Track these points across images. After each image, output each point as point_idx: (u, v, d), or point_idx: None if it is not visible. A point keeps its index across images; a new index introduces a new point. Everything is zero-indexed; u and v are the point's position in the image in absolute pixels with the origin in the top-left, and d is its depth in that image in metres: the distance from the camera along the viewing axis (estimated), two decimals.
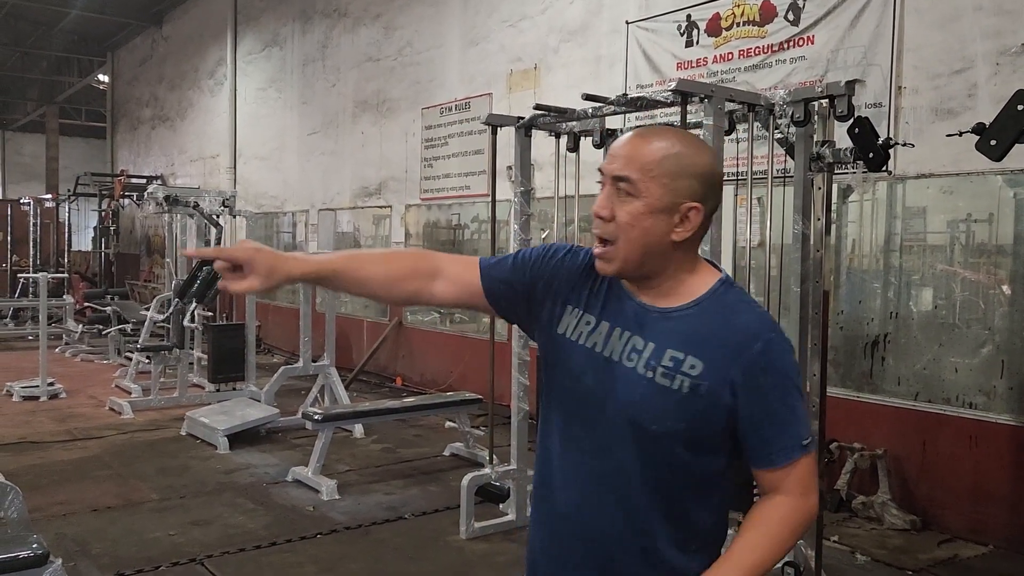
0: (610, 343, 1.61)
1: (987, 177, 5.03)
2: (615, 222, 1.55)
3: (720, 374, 1.53)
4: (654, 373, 1.55)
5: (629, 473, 1.59)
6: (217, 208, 9.17)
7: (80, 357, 11.47)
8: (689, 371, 1.53)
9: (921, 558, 4.71)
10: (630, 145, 1.56)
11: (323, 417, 5.96)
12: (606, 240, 1.57)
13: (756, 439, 1.56)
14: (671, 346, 1.56)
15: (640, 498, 1.59)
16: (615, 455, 1.59)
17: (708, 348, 1.54)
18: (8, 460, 6.04)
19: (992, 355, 5.01)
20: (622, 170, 1.54)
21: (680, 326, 1.57)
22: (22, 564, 3.00)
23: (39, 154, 24.89)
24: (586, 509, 1.63)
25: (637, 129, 1.64)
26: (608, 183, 1.57)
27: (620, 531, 1.61)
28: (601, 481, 1.61)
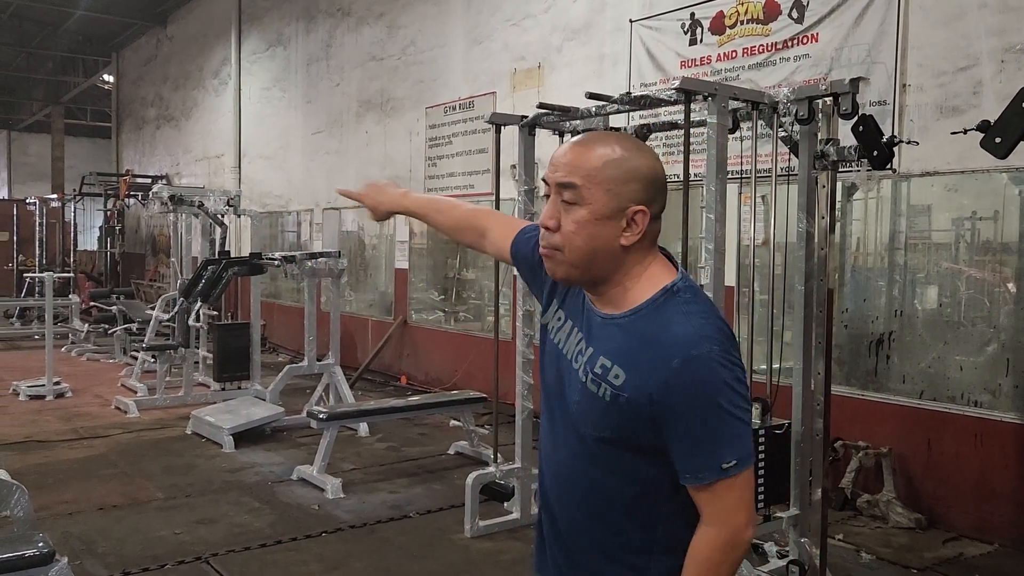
0: (568, 341, 1.66)
1: (992, 175, 5.02)
2: (560, 232, 1.55)
3: (640, 386, 1.50)
4: (586, 378, 1.58)
5: (580, 469, 1.64)
6: (222, 207, 9.20)
7: (86, 356, 11.51)
8: (613, 380, 1.53)
9: (926, 556, 4.70)
10: (572, 153, 1.56)
11: (328, 416, 5.97)
12: (549, 246, 1.58)
13: (674, 455, 1.52)
14: (603, 353, 1.56)
15: (596, 495, 1.63)
16: (569, 450, 1.66)
17: (633, 359, 1.52)
18: (14, 459, 6.06)
19: (997, 353, 5.00)
20: (566, 177, 1.54)
21: (615, 334, 1.57)
22: (28, 563, 3.01)
23: (44, 154, 24.96)
24: (556, 496, 1.71)
25: (577, 137, 1.65)
26: (553, 192, 1.57)
27: (581, 524, 1.66)
28: (562, 473, 1.68)
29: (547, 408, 1.73)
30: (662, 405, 1.49)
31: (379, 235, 10.88)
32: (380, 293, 10.86)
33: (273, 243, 12.90)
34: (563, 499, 1.68)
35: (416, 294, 10.04)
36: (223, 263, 7.81)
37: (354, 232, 11.35)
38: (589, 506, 1.64)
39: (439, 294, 9.86)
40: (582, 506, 1.65)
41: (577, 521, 1.66)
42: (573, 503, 1.66)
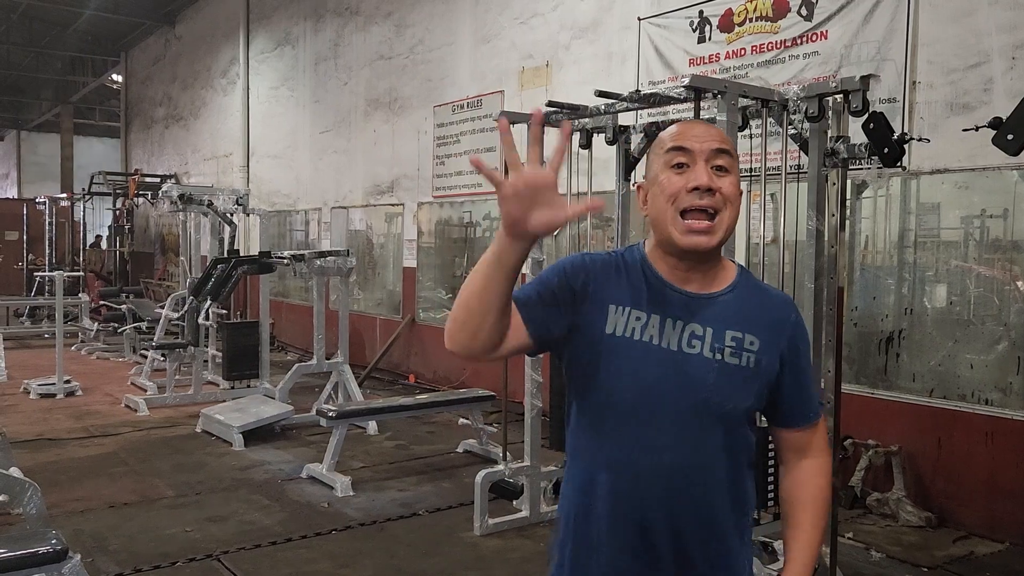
0: (665, 334, 1.63)
1: (1003, 172, 5.00)
2: (721, 194, 1.60)
3: (773, 347, 1.66)
4: (722, 355, 1.62)
5: (709, 461, 1.64)
6: (231, 206, 9.22)
7: (96, 355, 11.56)
8: (750, 347, 1.64)
9: (936, 555, 4.69)
10: (714, 130, 1.66)
11: (337, 414, 5.99)
12: (710, 213, 1.59)
13: (796, 400, 1.71)
14: (728, 327, 1.64)
15: (718, 487, 1.65)
16: (692, 445, 1.62)
17: (758, 325, 1.66)
18: (26, 457, 6.09)
19: (1008, 351, 4.98)
20: (722, 144, 1.62)
21: (729, 308, 1.65)
22: (42, 560, 3.03)
23: (54, 154, 25.07)
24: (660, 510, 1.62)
25: (691, 120, 1.78)
26: (701, 159, 1.60)
27: (695, 527, 1.64)
28: (677, 476, 1.62)
29: (642, 417, 1.62)
30: (789, 358, 1.68)
31: (387, 234, 10.90)
32: (388, 292, 10.88)
33: (281, 242, 12.93)
34: (682, 499, 1.62)
35: (424, 292, 10.06)
36: (232, 262, 7.84)
37: (362, 231, 11.37)
38: (717, 491, 1.65)
39: (447, 293, 9.87)
40: (709, 493, 1.64)
41: (703, 508, 1.64)
42: (696, 497, 1.63)
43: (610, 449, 1.65)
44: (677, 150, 1.61)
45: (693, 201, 1.58)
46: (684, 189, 1.58)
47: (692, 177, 1.59)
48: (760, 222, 4.13)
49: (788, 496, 1.77)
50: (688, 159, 1.60)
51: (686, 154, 1.60)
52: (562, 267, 1.69)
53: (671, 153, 1.62)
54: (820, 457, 1.76)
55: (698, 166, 1.59)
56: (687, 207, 1.59)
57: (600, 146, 5.05)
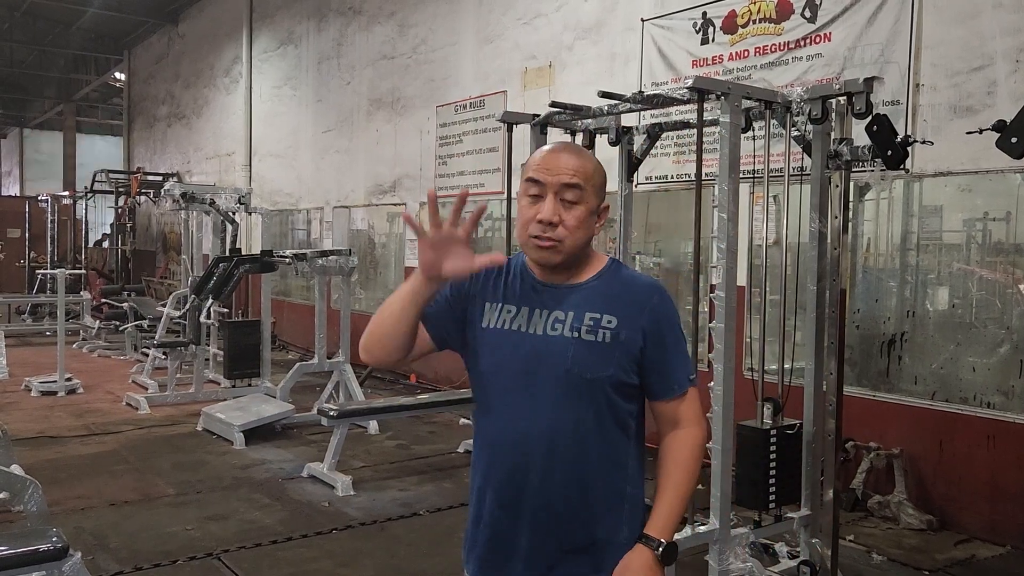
0: (532, 322, 1.88)
1: (1006, 175, 5.00)
2: (563, 225, 1.81)
3: (632, 323, 1.85)
4: (579, 333, 1.84)
5: (577, 427, 1.84)
6: (233, 205, 9.22)
7: (97, 353, 11.56)
8: (608, 325, 1.84)
9: (938, 558, 4.69)
10: (570, 159, 1.83)
11: (338, 413, 5.98)
12: (552, 239, 1.81)
13: (659, 374, 1.89)
14: (588, 309, 1.86)
15: (588, 450, 1.85)
16: (561, 411, 1.84)
17: (618, 305, 1.86)
18: (27, 454, 6.09)
19: (1010, 354, 4.97)
20: (573, 179, 1.81)
21: (591, 293, 1.88)
22: (43, 557, 3.03)
23: (56, 151, 25.11)
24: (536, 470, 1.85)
25: (557, 144, 1.93)
26: (553, 191, 1.80)
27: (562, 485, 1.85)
28: (546, 442, 1.84)
29: (515, 391, 1.86)
30: (651, 333, 1.86)
31: (389, 233, 10.90)
32: (390, 291, 10.83)
33: (283, 241, 12.94)
34: (554, 460, 1.84)
35: None
36: (234, 261, 7.84)
37: (364, 230, 11.38)
38: (586, 453, 1.85)
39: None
40: (584, 454, 1.85)
41: (571, 474, 1.84)
42: (569, 458, 1.84)
43: (491, 427, 1.93)
44: (531, 181, 1.83)
45: (539, 231, 1.81)
46: (533, 219, 1.81)
47: (541, 209, 1.80)
48: (763, 224, 4.13)
49: (659, 463, 1.93)
50: (540, 191, 1.82)
51: (539, 186, 1.82)
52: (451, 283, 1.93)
53: (527, 183, 1.84)
54: (689, 427, 1.91)
55: (547, 200, 1.81)
56: (534, 235, 1.82)
57: (603, 147, 5.04)
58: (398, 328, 1.86)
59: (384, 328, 1.88)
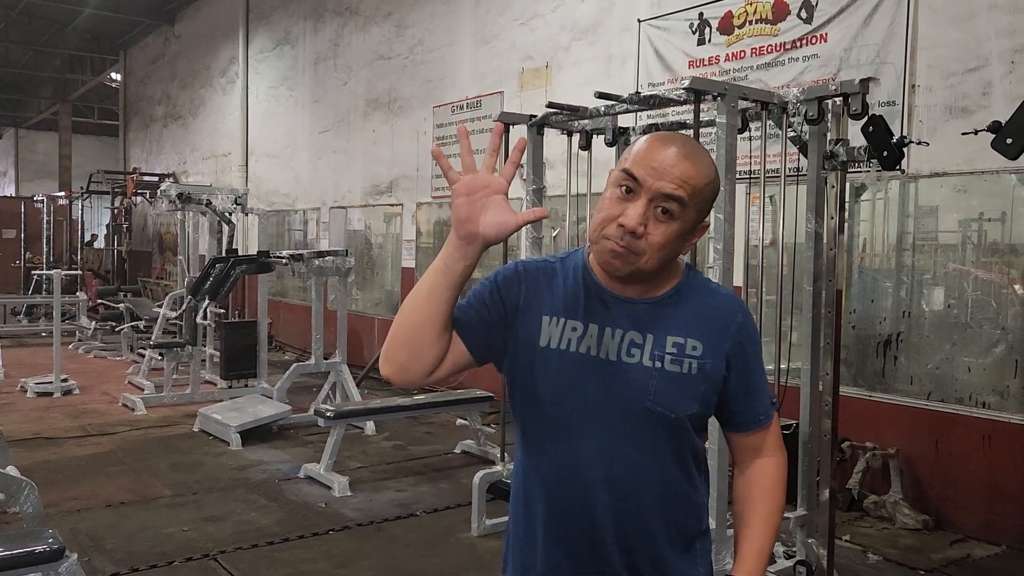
0: (603, 344, 1.58)
1: (1001, 176, 5.01)
2: (646, 240, 1.49)
3: (717, 350, 1.60)
4: (662, 362, 1.57)
5: (653, 470, 1.59)
6: (229, 206, 9.22)
7: (93, 354, 11.54)
8: (692, 353, 1.58)
9: (933, 558, 4.70)
10: (683, 166, 1.50)
11: (335, 414, 5.98)
12: (628, 250, 1.50)
13: (744, 404, 1.66)
14: (669, 332, 1.58)
15: (662, 496, 1.60)
16: (635, 456, 1.58)
17: (701, 328, 1.59)
18: (23, 456, 6.08)
19: (1005, 355, 4.99)
20: (676, 191, 1.49)
21: (670, 313, 1.60)
22: (39, 559, 3.03)
23: (52, 152, 25.05)
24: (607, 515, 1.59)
25: (670, 137, 1.57)
26: (648, 196, 1.49)
27: (633, 538, 1.60)
28: (617, 487, 1.58)
29: (580, 428, 1.58)
30: (735, 359, 1.62)
31: (386, 234, 10.90)
32: (387, 292, 10.88)
33: (280, 241, 12.92)
34: (626, 508, 1.59)
35: None
36: (230, 261, 7.84)
37: (361, 231, 11.37)
38: (660, 500, 1.60)
39: None
40: (657, 501, 1.60)
41: (644, 524, 1.60)
42: (641, 504, 1.59)
43: (546, 464, 1.61)
44: (627, 174, 1.51)
45: (615, 236, 1.50)
46: (615, 219, 1.50)
47: (627, 212, 1.49)
48: (759, 224, 4.14)
49: (739, 495, 1.72)
50: (636, 188, 1.50)
51: (634, 182, 1.50)
52: (495, 279, 1.64)
53: (622, 174, 1.52)
54: (773, 456, 1.71)
55: (638, 203, 1.49)
56: (608, 237, 1.51)
57: (599, 148, 5.05)
58: (427, 317, 1.47)
59: (410, 322, 1.49)
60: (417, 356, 1.50)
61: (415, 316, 1.49)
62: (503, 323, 1.60)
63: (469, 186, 1.42)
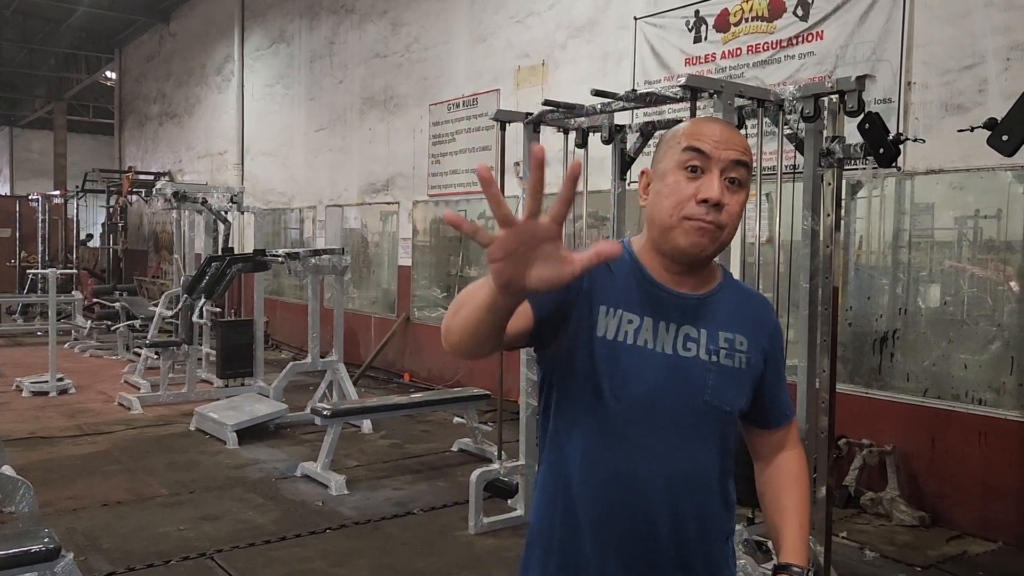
0: (659, 337, 1.55)
1: (997, 173, 5.02)
2: (726, 210, 1.50)
3: (758, 346, 1.64)
4: (718, 356, 1.58)
5: (707, 465, 1.59)
6: (225, 204, 9.21)
7: (89, 353, 11.53)
8: (740, 348, 1.61)
9: (930, 554, 4.71)
10: (738, 136, 1.54)
11: (332, 413, 5.97)
12: (715, 224, 1.50)
13: (774, 401, 1.71)
14: (720, 328, 1.60)
15: (713, 491, 1.61)
16: (693, 450, 1.57)
17: (745, 324, 1.63)
18: (18, 455, 6.06)
19: (1001, 351, 5.00)
20: (743, 156, 1.52)
21: (718, 309, 1.61)
22: (35, 558, 3.02)
23: (47, 150, 25.00)
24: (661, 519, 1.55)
25: (709, 118, 1.64)
26: (719, 168, 1.50)
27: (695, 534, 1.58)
28: (678, 483, 1.56)
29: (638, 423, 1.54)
30: (771, 357, 1.67)
31: (382, 232, 10.89)
32: (383, 290, 10.87)
33: (276, 240, 12.91)
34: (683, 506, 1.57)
35: (419, 291, 10.05)
36: (226, 260, 7.83)
37: (357, 229, 11.36)
38: (712, 495, 1.61)
39: (442, 291, 9.86)
40: (710, 497, 1.60)
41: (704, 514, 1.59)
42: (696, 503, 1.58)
43: (600, 460, 1.55)
44: (694, 151, 1.50)
45: (699, 214, 1.49)
46: (693, 199, 1.49)
47: (703, 187, 1.49)
48: (755, 222, 4.14)
49: (769, 486, 1.76)
50: (704, 163, 1.50)
51: (703, 158, 1.50)
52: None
53: (688, 153, 1.50)
54: (796, 448, 1.78)
55: (712, 175, 1.49)
56: (691, 216, 1.49)
57: (596, 145, 5.05)
58: (480, 331, 1.35)
59: (467, 320, 1.36)
60: (476, 346, 1.39)
61: (467, 329, 1.36)
62: (567, 305, 1.51)
63: (506, 247, 1.14)
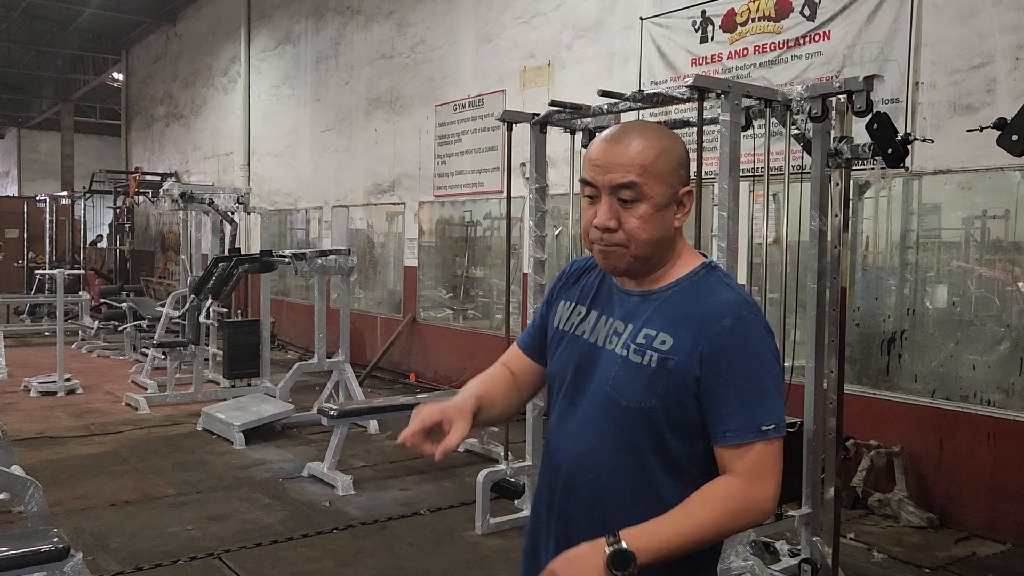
0: (596, 329, 1.69)
1: (1005, 173, 5.00)
2: (623, 230, 1.59)
3: (690, 348, 1.54)
4: (627, 351, 1.61)
5: (608, 457, 1.61)
6: (232, 205, 9.22)
7: (96, 353, 11.55)
8: (659, 347, 1.57)
9: (938, 556, 4.69)
10: (619, 151, 1.58)
11: (338, 413, 5.98)
12: (614, 244, 1.61)
13: (713, 414, 1.53)
14: (647, 325, 1.61)
15: (616, 484, 1.60)
16: (593, 434, 1.63)
17: (681, 325, 1.57)
18: (27, 455, 6.08)
19: (1009, 352, 4.98)
20: (624, 178, 1.56)
21: (657, 306, 1.63)
22: (44, 558, 3.03)
23: (54, 152, 25.08)
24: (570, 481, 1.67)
25: (615, 131, 1.64)
26: (606, 193, 1.59)
27: (589, 506, 1.64)
28: (579, 465, 1.65)
29: (568, 399, 1.70)
30: (711, 362, 1.52)
31: (388, 233, 10.90)
32: (389, 291, 10.88)
33: (282, 240, 12.93)
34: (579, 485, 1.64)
35: (425, 292, 10.06)
36: (233, 260, 7.84)
37: (363, 230, 11.37)
38: (614, 487, 1.60)
39: (448, 292, 9.87)
40: (605, 488, 1.61)
41: (597, 509, 1.61)
42: (591, 487, 1.62)
43: (548, 436, 1.77)
44: (584, 183, 1.62)
45: (598, 238, 1.61)
46: (591, 224, 1.61)
47: (597, 212, 1.60)
48: (763, 222, 4.13)
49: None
50: (595, 192, 1.61)
51: (592, 188, 1.61)
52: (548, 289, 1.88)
53: (582, 185, 1.64)
54: (738, 477, 1.51)
55: (601, 202, 1.59)
56: (595, 241, 1.62)
57: None
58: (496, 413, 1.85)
59: None
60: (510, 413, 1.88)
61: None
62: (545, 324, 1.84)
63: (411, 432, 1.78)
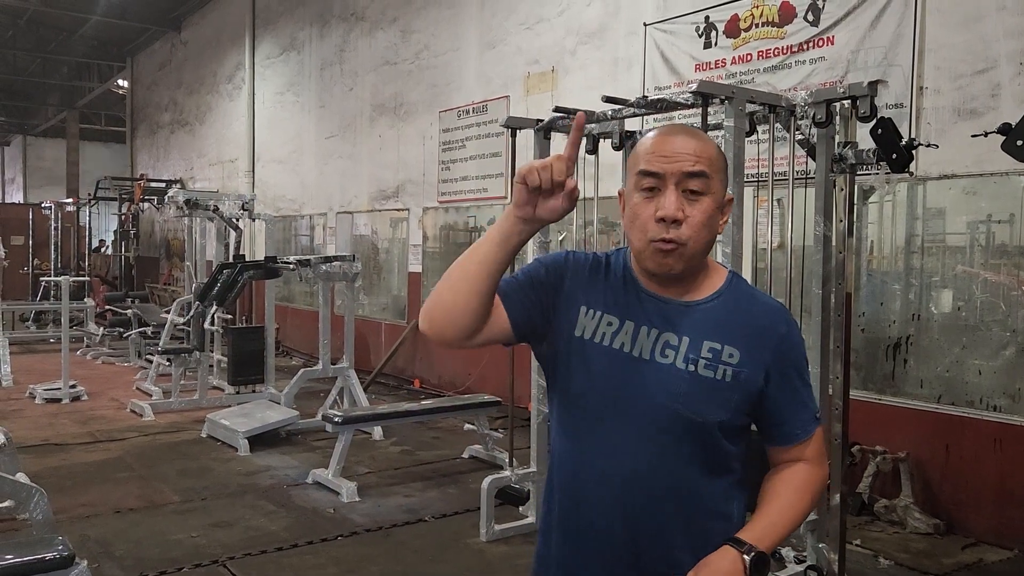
0: (638, 341, 1.59)
1: (1010, 178, 4.99)
2: (687, 223, 1.53)
3: (756, 359, 1.58)
4: (696, 366, 1.56)
5: (676, 473, 1.58)
6: (236, 211, 9.24)
7: (101, 360, 11.57)
8: (729, 360, 1.56)
9: (945, 562, 4.67)
10: (688, 142, 1.55)
11: (343, 419, 5.98)
12: (675, 241, 1.53)
13: (782, 417, 1.63)
14: (707, 338, 1.57)
15: (685, 500, 1.59)
16: (658, 456, 1.57)
17: (741, 336, 1.58)
18: (32, 462, 6.09)
19: (1015, 357, 4.96)
20: (696, 166, 1.52)
21: (709, 317, 1.59)
22: (49, 566, 3.03)
23: (60, 159, 25.17)
24: (618, 512, 1.60)
25: (667, 127, 1.60)
26: (674, 182, 1.52)
27: (648, 536, 1.60)
28: (636, 486, 1.58)
29: (607, 422, 1.60)
30: (775, 372, 1.60)
31: (392, 239, 10.91)
32: (393, 297, 10.89)
33: (287, 247, 12.95)
34: (639, 509, 1.59)
35: None
36: (238, 267, 7.85)
37: (367, 236, 11.39)
38: (682, 505, 1.59)
39: None
40: (671, 506, 1.58)
41: (660, 520, 1.59)
42: (656, 509, 1.58)
43: (573, 455, 1.65)
44: (646, 175, 1.54)
45: (659, 233, 1.53)
46: (651, 218, 1.53)
47: (660, 205, 1.52)
48: (767, 228, 4.13)
49: (764, 490, 1.67)
50: (658, 183, 1.54)
51: (654, 178, 1.54)
52: (543, 262, 1.68)
53: (639, 176, 1.55)
54: (813, 463, 1.67)
55: (667, 192, 1.53)
56: (654, 239, 1.54)
57: (607, 152, 5.04)
58: (474, 287, 1.50)
59: (455, 290, 1.52)
60: (456, 322, 1.53)
61: (462, 285, 1.51)
62: (547, 306, 1.63)
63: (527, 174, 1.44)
